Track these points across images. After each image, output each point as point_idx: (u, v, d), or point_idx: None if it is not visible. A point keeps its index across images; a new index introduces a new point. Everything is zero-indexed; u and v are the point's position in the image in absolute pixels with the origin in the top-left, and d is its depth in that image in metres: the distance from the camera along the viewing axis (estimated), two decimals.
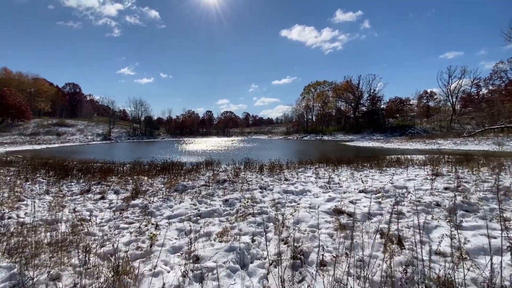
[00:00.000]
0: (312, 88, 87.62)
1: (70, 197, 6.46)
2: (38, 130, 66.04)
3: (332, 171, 10.32)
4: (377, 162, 12.25)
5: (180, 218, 4.68)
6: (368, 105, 74.83)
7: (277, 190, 6.97)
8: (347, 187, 7.33)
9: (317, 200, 5.88)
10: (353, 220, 4.36)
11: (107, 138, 69.72)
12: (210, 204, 5.50)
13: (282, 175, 9.40)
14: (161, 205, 5.42)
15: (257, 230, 4.00)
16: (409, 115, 76.60)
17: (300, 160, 13.50)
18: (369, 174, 9.52)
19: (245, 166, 11.61)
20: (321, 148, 35.78)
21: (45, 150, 35.52)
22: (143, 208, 5.21)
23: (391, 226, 4.00)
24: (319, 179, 8.65)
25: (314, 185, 7.83)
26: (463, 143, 33.72)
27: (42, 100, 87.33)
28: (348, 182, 8.07)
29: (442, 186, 6.59)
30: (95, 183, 8.31)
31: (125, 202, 5.63)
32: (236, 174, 9.60)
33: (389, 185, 6.92)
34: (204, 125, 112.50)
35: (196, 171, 11.02)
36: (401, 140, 43.42)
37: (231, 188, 7.38)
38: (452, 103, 63.31)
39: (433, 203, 5.11)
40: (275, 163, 11.84)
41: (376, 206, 5.11)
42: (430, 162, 12.08)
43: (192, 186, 7.68)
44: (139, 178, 9.40)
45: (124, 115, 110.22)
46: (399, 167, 11.03)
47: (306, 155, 23.75)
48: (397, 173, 9.53)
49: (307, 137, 73.08)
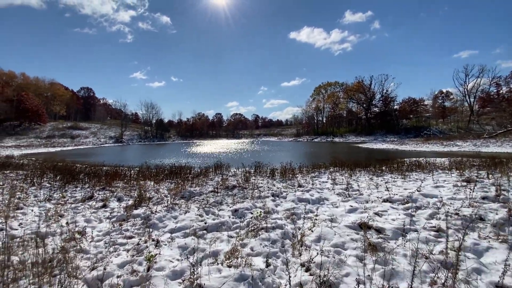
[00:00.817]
0: (322, 89, 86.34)
1: (71, 205, 6.09)
2: (54, 133, 67.81)
3: (349, 176, 9.62)
4: (397, 166, 11.44)
5: (184, 232, 4.17)
6: (380, 106, 72.90)
7: (291, 198, 6.38)
8: (368, 195, 6.65)
9: (337, 211, 5.26)
10: (384, 238, 3.73)
11: (119, 140, 70.81)
12: (218, 215, 4.97)
13: (295, 181, 8.80)
14: (164, 215, 4.94)
15: (271, 250, 3.43)
16: (424, 115, 74.13)
17: (313, 164, 12.83)
18: (390, 179, 8.77)
19: (255, 170, 11.06)
20: (332, 150, 34.83)
21: (58, 153, 36.14)
22: (144, 219, 4.74)
23: (432, 247, 3.35)
24: (336, 185, 7.99)
25: (331, 192, 7.19)
26: (484, 145, 31.93)
27: (58, 104, 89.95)
28: (369, 189, 7.38)
29: (478, 195, 5.83)
30: (100, 188, 7.96)
31: (127, 212, 5.19)
32: (246, 179, 9.07)
33: (417, 194, 6.20)
34: (213, 127, 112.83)
35: (205, 175, 10.57)
36: (416, 141, 41.80)
37: (241, 195, 6.85)
38: (470, 103, 60.79)
39: (475, 217, 4.40)
40: (287, 167, 11.24)
41: (407, 219, 4.45)
42: (455, 166, 11.17)
43: (199, 193, 7.19)
44: (145, 183, 9.01)
45: (136, 118, 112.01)
46: (422, 172, 10.20)
47: (318, 157, 22.98)
48: (421, 178, 8.74)
49: (317, 139, 71.85)
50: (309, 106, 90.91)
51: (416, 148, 33.25)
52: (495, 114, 50.11)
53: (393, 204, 5.52)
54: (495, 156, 17.98)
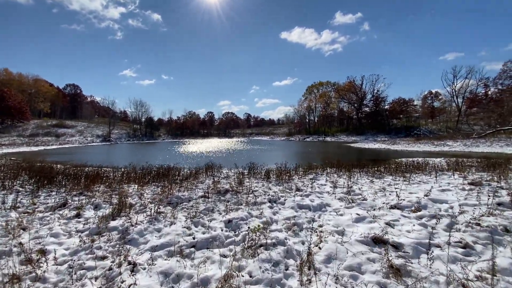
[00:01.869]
0: (314, 89, 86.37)
1: (40, 214, 5.30)
2: (37, 131, 65.13)
3: (348, 178, 9.13)
4: (395, 168, 11.04)
5: (168, 250, 3.51)
6: (371, 106, 73.49)
7: (290, 205, 5.79)
8: (373, 200, 6.13)
9: (343, 220, 4.70)
10: (405, 257, 3.18)
11: (106, 139, 68.73)
12: (208, 228, 4.31)
13: (292, 184, 8.22)
14: (146, 228, 4.25)
15: (274, 276, 2.82)
16: (413, 116, 75.19)
17: (309, 165, 12.31)
18: (391, 182, 8.31)
19: (249, 171, 10.44)
20: (325, 149, 34.58)
21: (41, 152, 34.47)
22: (122, 233, 4.04)
23: (465, 269, 2.81)
24: (336, 189, 7.46)
25: (331, 197, 6.64)
26: (474, 144, 32.26)
27: (42, 101, 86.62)
28: (372, 193, 6.87)
29: (492, 201, 5.39)
30: (77, 193, 7.15)
31: (103, 223, 4.47)
32: (239, 182, 8.43)
33: (425, 199, 5.72)
34: (205, 126, 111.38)
35: (195, 177, 9.87)
36: (407, 141, 42.08)
37: (235, 201, 6.21)
38: (458, 103, 61.94)
39: (500, 228, 3.92)
40: (282, 167, 10.67)
41: (424, 231, 3.93)
42: (454, 167, 10.86)
43: (188, 198, 6.51)
44: (128, 187, 8.25)
45: (125, 116, 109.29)
46: (422, 173, 9.81)
47: (312, 157, 22.57)
48: (424, 181, 8.32)
49: (309, 138, 71.78)
50: (301, 106, 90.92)
51: (408, 148, 33.35)
52: (483, 115, 51.14)
53: (403, 212, 5.01)
54: (488, 156, 17.97)
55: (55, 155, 28.27)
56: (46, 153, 32.87)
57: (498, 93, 51.84)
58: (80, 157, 25.20)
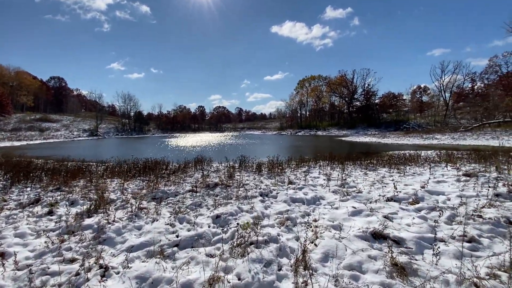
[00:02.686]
0: (306, 83, 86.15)
1: (7, 212, 4.81)
2: (20, 125, 62.56)
3: (342, 170, 8.91)
4: (388, 160, 10.92)
5: (147, 250, 3.14)
6: (362, 100, 74.01)
7: (282, 198, 5.48)
8: (368, 192, 5.90)
9: (338, 213, 4.43)
10: (408, 253, 2.91)
11: (94, 134, 66.83)
12: (194, 224, 3.95)
13: (285, 177, 7.92)
14: (125, 225, 3.85)
15: (266, 278, 2.49)
16: (402, 110, 76.25)
17: (301, 158, 12.04)
18: (385, 174, 8.13)
19: (240, 165, 10.08)
20: (316, 143, 34.56)
21: (23, 147, 33.06)
22: (97, 232, 3.64)
23: (476, 265, 2.56)
24: (330, 181, 7.21)
25: (325, 190, 6.38)
26: (461, 137, 32.86)
27: (25, 94, 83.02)
28: (367, 185, 6.65)
29: (490, 192, 5.23)
30: (54, 189, 6.63)
31: (77, 221, 4.04)
32: (230, 175, 8.07)
33: (422, 191, 5.52)
34: (196, 121, 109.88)
35: (184, 171, 9.44)
36: (397, 135, 42.59)
37: (224, 195, 5.86)
38: (445, 98, 63.09)
39: (502, 220, 3.72)
40: (274, 160, 10.37)
41: (425, 225, 3.69)
42: (446, 159, 10.83)
43: (175, 193, 6.12)
44: (111, 181, 7.77)
45: (113, 110, 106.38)
46: (415, 166, 9.70)
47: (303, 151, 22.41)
48: (418, 172, 8.18)
49: (301, 132, 71.86)
50: (292, 100, 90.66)
51: (398, 141, 33.70)
52: (469, 109, 52.23)
53: (400, 204, 4.77)
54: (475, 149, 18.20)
55: (38, 150, 27.11)
56: (29, 148, 31.53)
57: (484, 87, 52.99)
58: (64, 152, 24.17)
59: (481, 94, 52.04)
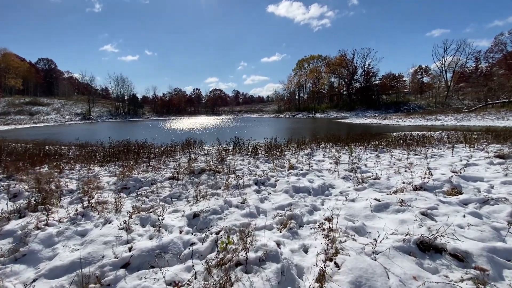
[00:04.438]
0: (305, 63, 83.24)
1: None
2: (9, 109, 60.30)
3: (349, 152, 7.80)
4: (398, 141, 9.81)
5: (77, 274, 2.03)
6: (362, 81, 72.00)
7: (283, 188, 4.37)
8: (387, 178, 4.81)
9: (357, 208, 3.34)
10: (486, 278, 1.84)
11: (86, 117, 64.88)
12: (160, 228, 2.83)
13: (285, 160, 6.80)
14: (62, 231, 2.73)
15: None
16: (402, 91, 74.50)
17: (302, 139, 10.88)
18: (401, 156, 7.04)
19: (234, 147, 8.92)
20: (316, 125, 33.35)
21: (10, 131, 31.56)
22: (18, 243, 2.52)
23: None
24: (338, 165, 6.10)
25: (334, 176, 5.29)
26: (465, 118, 31.75)
27: (13, 77, 79.62)
28: (382, 169, 5.56)
29: None
30: (4, 177, 5.47)
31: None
32: (220, 159, 6.93)
33: (456, 177, 4.43)
34: (192, 104, 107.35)
35: (170, 155, 8.29)
36: (398, 116, 41.39)
37: (211, 183, 4.75)
38: (446, 78, 61.38)
39: None
40: (272, 143, 9.23)
41: (486, 227, 2.61)
42: (465, 139, 9.75)
43: (151, 181, 4.99)
44: (81, 168, 6.61)
45: (107, 93, 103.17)
46: (430, 146, 8.60)
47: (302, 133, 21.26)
48: (438, 154, 7.09)
49: (299, 115, 70.35)
50: (291, 82, 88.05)
51: (400, 123, 32.62)
52: (471, 89, 50.80)
53: (436, 196, 3.69)
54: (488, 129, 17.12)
55: (24, 134, 25.66)
56: (16, 132, 30.04)
57: (488, 67, 51.24)
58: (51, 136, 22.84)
59: (485, 73, 50.38)
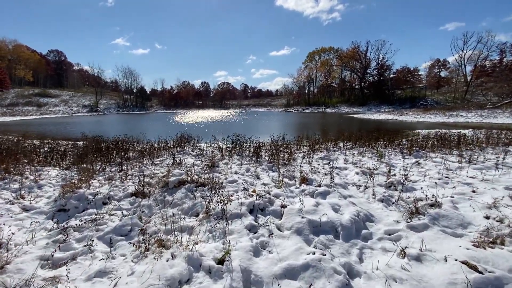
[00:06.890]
0: (316, 56, 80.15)
1: None
2: (17, 100, 60.50)
3: (379, 158, 6.10)
4: (438, 141, 7.98)
5: None
6: (375, 75, 68.74)
7: (293, 223, 2.77)
8: (453, 206, 3.13)
9: (433, 280, 1.74)
10: None
11: (94, 109, 64.50)
12: None
13: (295, 168, 5.16)
14: None
15: None
16: (417, 86, 70.83)
17: (316, 138, 9.17)
18: (450, 164, 5.28)
19: (233, 147, 7.31)
20: (326, 121, 31.33)
21: (14, 123, 30.98)
22: None
23: None
24: (370, 178, 4.42)
25: (367, 195, 3.66)
26: (491, 115, 29.05)
27: (23, 68, 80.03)
28: (430, 185, 3.86)
29: None
30: None
31: None
32: (211, 163, 5.36)
33: None
34: (200, 97, 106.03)
35: (154, 155, 6.79)
36: (416, 112, 38.77)
37: (187, 206, 3.21)
38: (466, 73, 57.64)
39: None
40: (279, 142, 7.61)
41: None
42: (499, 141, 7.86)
43: (104, 199, 3.49)
44: (37, 171, 5.17)
45: (116, 86, 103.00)
46: (477, 149, 6.78)
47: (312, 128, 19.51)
48: (498, 162, 5.29)
49: (308, 109, 68.02)
50: (300, 75, 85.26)
51: (418, 119, 30.20)
52: (493, 84, 47.34)
53: None
54: None
55: (24, 126, 24.83)
56: (17, 124, 29.39)
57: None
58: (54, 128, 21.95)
59: (511, 67, 46.72)
